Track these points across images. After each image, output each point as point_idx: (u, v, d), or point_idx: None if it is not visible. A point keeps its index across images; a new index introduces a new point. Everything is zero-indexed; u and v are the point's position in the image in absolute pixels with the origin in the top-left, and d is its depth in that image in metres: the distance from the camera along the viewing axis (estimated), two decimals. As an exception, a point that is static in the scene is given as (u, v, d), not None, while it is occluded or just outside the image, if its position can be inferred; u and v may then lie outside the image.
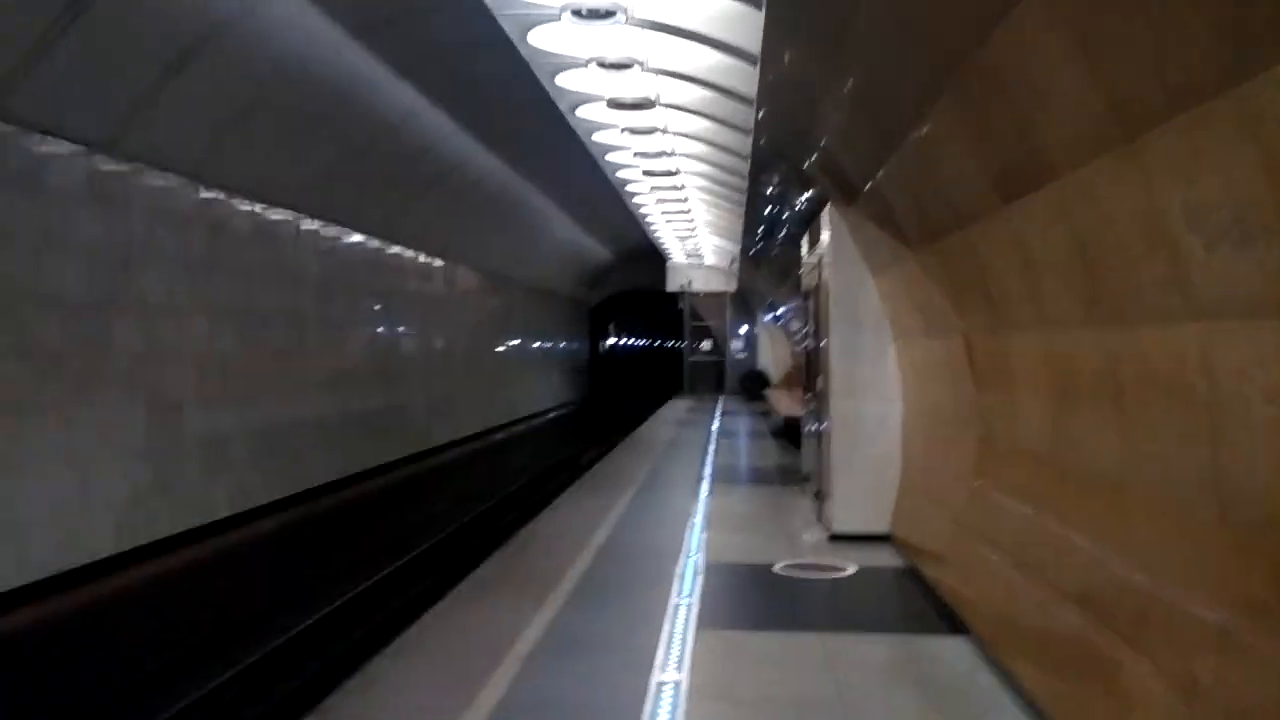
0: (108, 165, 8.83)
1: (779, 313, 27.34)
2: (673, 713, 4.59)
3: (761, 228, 16.75)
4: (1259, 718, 2.89)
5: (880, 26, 5.04)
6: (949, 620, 6.11)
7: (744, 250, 22.46)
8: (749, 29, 7.55)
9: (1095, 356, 4.06)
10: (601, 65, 9.38)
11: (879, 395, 8.55)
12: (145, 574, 8.86)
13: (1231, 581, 3.13)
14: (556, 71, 9.89)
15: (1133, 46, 2.96)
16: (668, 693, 4.83)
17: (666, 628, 5.92)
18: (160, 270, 9.63)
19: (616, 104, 10.68)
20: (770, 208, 14.14)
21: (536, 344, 27.92)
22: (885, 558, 7.93)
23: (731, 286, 30.19)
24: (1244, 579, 3.05)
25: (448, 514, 15.70)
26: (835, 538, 8.52)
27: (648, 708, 4.64)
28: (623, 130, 12.04)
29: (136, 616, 8.61)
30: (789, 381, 25.86)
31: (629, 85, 10.17)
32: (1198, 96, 2.72)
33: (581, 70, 9.66)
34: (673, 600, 6.54)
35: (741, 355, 34.58)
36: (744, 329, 34.97)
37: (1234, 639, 3.08)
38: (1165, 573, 3.56)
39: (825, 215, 8.97)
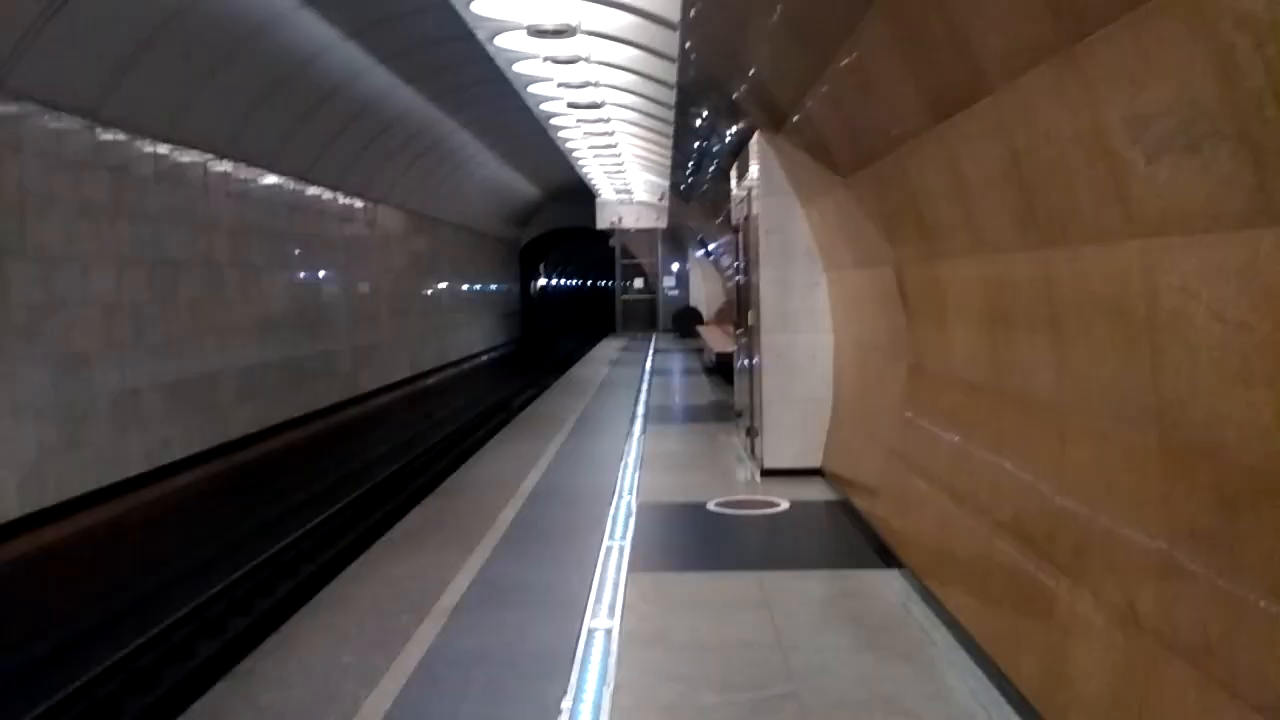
0: (-8, 105, 8.24)
1: (711, 248, 27.20)
2: (604, 660, 4.44)
3: (691, 161, 16.46)
4: (1200, 646, 2.80)
5: (805, -62, 4.78)
6: (883, 554, 6.05)
7: (674, 185, 22.16)
8: (670, -52, 7.22)
9: (1031, 280, 3.91)
10: (518, -11, 8.97)
11: (810, 328, 8.43)
12: (54, 536, 8.46)
13: (1172, 508, 3.02)
14: (472, -2, 9.44)
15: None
16: (599, 640, 4.67)
17: (598, 572, 5.76)
18: (59, 217, 9.08)
19: (536, 31, 10.25)
20: (699, 140, 13.85)
21: (465, 285, 27.40)
22: (818, 492, 7.87)
23: (662, 223, 29.86)
24: (1185, 505, 2.95)
25: (377, 463, 15.39)
26: (768, 473, 8.44)
27: (579, 656, 4.49)
28: (544, 60, 11.61)
29: (47, 578, 8.23)
30: (722, 318, 25.82)
31: (548, 11, 9.76)
32: (1144, -7, 2.53)
33: (498, -5, 9.24)
34: (604, 543, 6.39)
35: (674, 292, 34.42)
36: (676, 266, 34.78)
37: (1175, 567, 2.98)
38: (1104, 500, 3.46)
39: (754, 145, 8.74)
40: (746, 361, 9.86)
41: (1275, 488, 2.49)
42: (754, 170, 8.73)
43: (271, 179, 13.88)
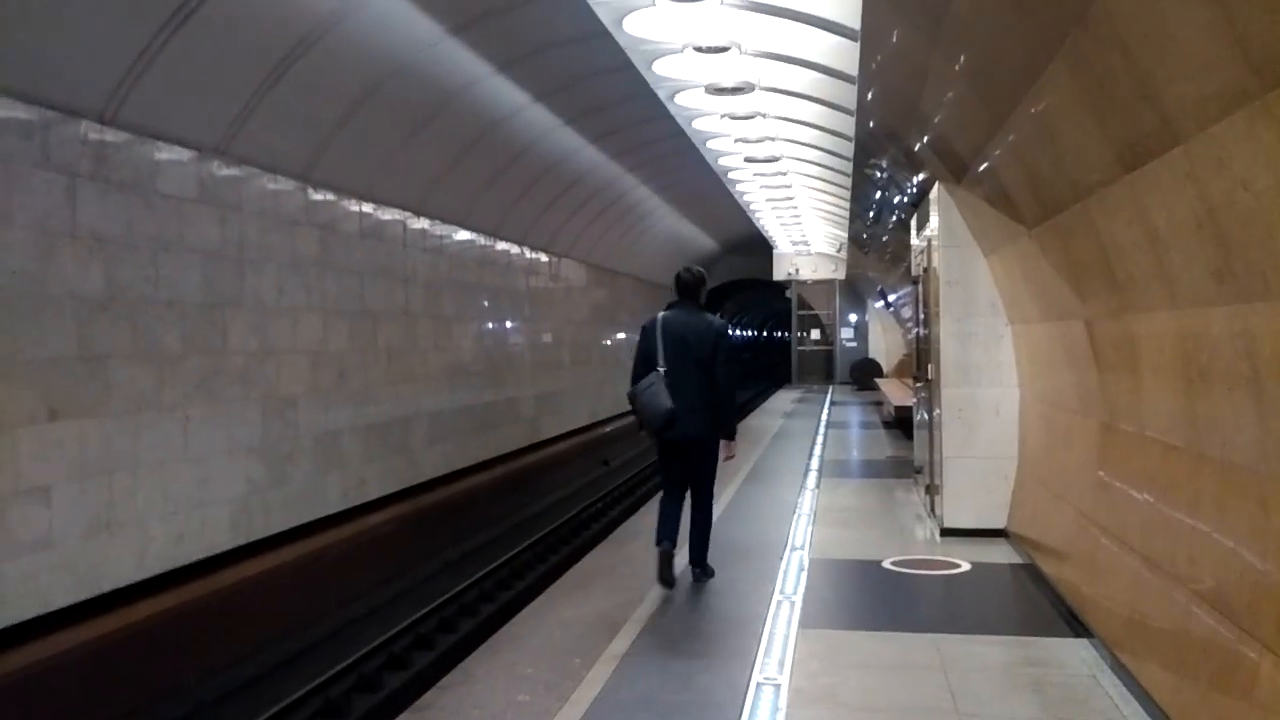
0: (220, 170, 9.05)
1: (891, 300, 26.70)
2: (772, 716, 4.41)
3: (869, 212, 16.32)
4: None
5: (985, -10, 4.75)
6: (1071, 621, 5.76)
7: (852, 237, 21.98)
8: (849, 4, 7.27)
9: (1229, 336, 3.71)
10: (697, 50, 9.20)
11: (992, 383, 8.17)
12: (260, 567, 9.08)
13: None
14: (654, 59, 9.74)
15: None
16: (767, 694, 4.65)
17: (768, 626, 5.73)
18: (273, 271, 9.85)
19: (715, 89, 10.48)
20: (877, 191, 13.73)
21: (644, 336, 27.82)
22: (1001, 554, 7.57)
23: (840, 274, 29.57)
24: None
25: (554, 508, 15.76)
26: (948, 532, 8.18)
27: (746, 710, 4.47)
28: (722, 116, 11.83)
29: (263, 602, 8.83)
30: (901, 370, 25.24)
31: (727, 70, 9.96)
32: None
33: (678, 56, 9.49)
34: (775, 598, 6.35)
35: (851, 344, 33.89)
36: (854, 317, 34.28)
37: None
38: (1313, 573, 3.23)
39: (934, 196, 8.61)
40: (926, 416, 9.62)
41: None
42: (934, 221, 8.59)
43: (463, 234, 14.61)
